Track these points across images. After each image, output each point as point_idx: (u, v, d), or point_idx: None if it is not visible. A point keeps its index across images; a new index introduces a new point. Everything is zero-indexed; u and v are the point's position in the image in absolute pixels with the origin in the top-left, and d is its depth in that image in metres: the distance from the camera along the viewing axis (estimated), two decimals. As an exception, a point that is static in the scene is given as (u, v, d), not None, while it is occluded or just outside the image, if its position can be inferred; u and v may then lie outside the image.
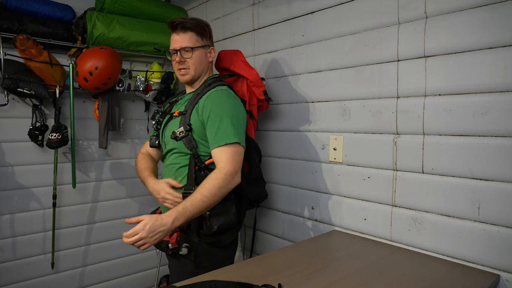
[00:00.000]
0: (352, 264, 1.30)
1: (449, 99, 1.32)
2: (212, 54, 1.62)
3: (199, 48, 1.55)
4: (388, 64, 1.49)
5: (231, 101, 1.50)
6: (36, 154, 2.31)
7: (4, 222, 2.23)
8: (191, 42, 1.53)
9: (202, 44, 1.57)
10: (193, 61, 1.54)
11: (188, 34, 1.53)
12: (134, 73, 2.59)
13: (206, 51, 1.59)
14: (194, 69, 1.56)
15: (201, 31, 1.56)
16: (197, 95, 1.53)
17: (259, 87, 1.69)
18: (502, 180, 1.20)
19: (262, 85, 1.71)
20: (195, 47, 1.54)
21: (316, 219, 1.82)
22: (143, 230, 1.24)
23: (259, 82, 1.70)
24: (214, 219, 1.44)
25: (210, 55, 1.61)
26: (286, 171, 1.96)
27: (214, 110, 1.44)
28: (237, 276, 1.15)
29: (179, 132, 1.48)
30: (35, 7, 2.14)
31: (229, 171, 1.38)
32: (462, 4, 1.27)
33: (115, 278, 2.69)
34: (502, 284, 1.20)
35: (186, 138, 1.47)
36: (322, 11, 1.74)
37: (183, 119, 1.50)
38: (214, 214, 1.44)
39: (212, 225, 1.43)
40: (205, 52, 1.59)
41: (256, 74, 1.70)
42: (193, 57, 1.54)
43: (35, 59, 2.03)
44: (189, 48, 1.53)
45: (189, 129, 1.47)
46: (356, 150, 1.63)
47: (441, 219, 1.35)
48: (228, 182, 1.38)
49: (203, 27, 1.58)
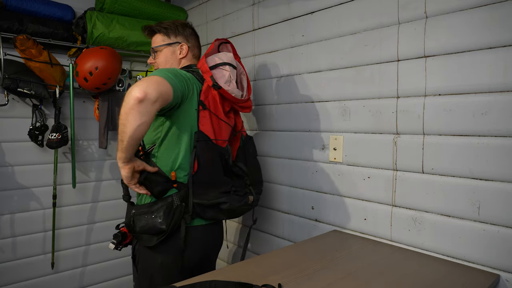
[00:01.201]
0: (352, 264, 1.30)
1: (449, 99, 1.32)
2: (183, 49, 1.65)
3: (162, 46, 1.64)
4: (388, 64, 1.49)
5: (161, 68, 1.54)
6: (36, 154, 2.31)
7: (4, 222, 2.24)
8: (157, 43, 1.65)
9: (168, 42, 1.64)
10: (158, 60, 1.66)
11: (154, 37, 1.66)
12: (134, 73, 2.59)
13: (175, 48, 1.65)
14: (161, 67, 1.64)
15: (168, 31, 1.64)
16: None
17: (205, 72, 1.51)
18: (502, 180, 1.20)
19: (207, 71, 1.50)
20: (158, 46, 1.64)
21: (316, 219, 1.82)
22: None
23: (203, 68, 1.51)
24: (137, 219, 1.43)
25: (181, 51, 1.66)
26: (286, 171, 1.96)
27: None
28: (237, 276, 1.15)
29: None
30: (35, 7, 2.14)
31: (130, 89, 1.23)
32: (462, 4, 1.27)
33: (115, 278, 2.70)
34: (502, 284, 1.20)
35: None
36: (322, 11, 1.74)
37: None
38: (138, 213, 1.44)
39: (135, 224, 1.43)
40: (172, 50, 1.65)
41: (202, 61, 1.52)
42: (157, 56, 1.66)
43: (35, 59, 2.03)
44: (152, 49, 1.67)
45: None
46: (356, 150, 1.63)
47: (441, 219, 1.35)
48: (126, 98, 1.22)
49: (169, 26, 1.65)
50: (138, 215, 1.43)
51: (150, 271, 1.47)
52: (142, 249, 1.49)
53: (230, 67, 1.56)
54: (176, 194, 1.43)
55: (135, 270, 1.54)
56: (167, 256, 1.45)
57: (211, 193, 1.47)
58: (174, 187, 1.45)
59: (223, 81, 1.51)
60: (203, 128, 1.47)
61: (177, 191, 1.44)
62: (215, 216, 1.52)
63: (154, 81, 1.26)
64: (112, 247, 1.53)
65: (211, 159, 1.48)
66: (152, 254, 1.46)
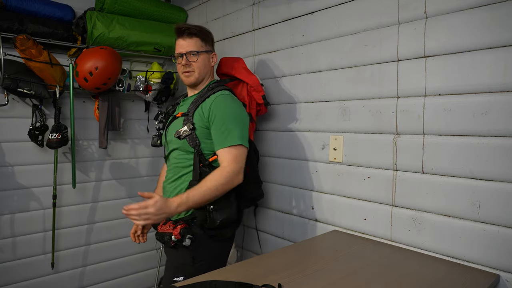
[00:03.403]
0: (352, 264, 1.30)
1: (449, 99, 1.32)
2: (214, 59, 1.73)
3: (203, 52, 1.66)
4: (388, 64, 1.49)
5: (235, 105, 1.59)
6: (36, 154, 2.31)
7: (4, 222, 2.23)
8: (197, 47, 1.63)
9: (206, 49, 1.67)
10: (198, 64, 1.64)
11: (194, 40, 1.64)
12: (134, 73, 2.59)
13: (209, 56, 1.70)
14: (199, 72, 1.65)
15: (205, 37, 1.67)
16: (199, 98, 1.62)
17: (259, 92, 1.79)
18: (502, 180, 1.20)
19: (261, 90, 1.80)
20: (200, 51, 1.64)
21: (316, 219, 1.82)
22: (153, 206, 1.35)
23: (258, 87, 1.79)
24: (217, 213, 1.51)
25: (213, 60, 1.72)
26: (286, 171, 1.96)
27: (220, 113, 1.54)
28: (237, 276, 1.15)
29: (183, 131, 1.57)
30: (35, 7, 2.14)
31: (232, 170, 1.48)
32: (462, 4, 1.27)
33: (115, 278, 2.69)
34: (502, 284, 1.20)
35: (190, 136, 1.56)
36: (322, 11, 1.74)
37: (186, 119, 1.59)
38: (218, 208, 1.51)
39: (215, 219, 1.50)
40: (208, 57, 1.69)
41: (256, 80, 1.80)
42: (198, 60, 1.64)
43: (35, 59, 2.03)
44: (195, 52, 1.63)
45: (192, 128, 1.56)
46: (356, 150, 1.63)
47: (441, 219, 1.35)
48: (231, 179, 1.48)
49: (206, 34, 1.69)
50: (217, 210, 1.51)
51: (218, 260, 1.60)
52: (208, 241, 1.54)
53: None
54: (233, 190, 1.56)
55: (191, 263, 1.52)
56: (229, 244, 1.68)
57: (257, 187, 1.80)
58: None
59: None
60: (251, 136, 1.72)
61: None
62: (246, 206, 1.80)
63: (244, 158, 1.54)
64: (189, 243, 1.50)
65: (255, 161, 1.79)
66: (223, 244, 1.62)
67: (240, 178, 1.51)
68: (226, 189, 1.48)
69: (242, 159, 1.53)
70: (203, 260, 1.53)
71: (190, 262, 1.53)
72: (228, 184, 1.48)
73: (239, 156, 1.51)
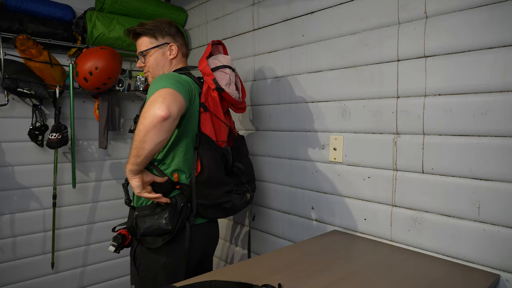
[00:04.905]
0: (352, 264, 1.30)
1: (449, 99, 1.32)
2: (173, 50, 1.61)
3: (152, 49, 1.59)
4: (388, 64, 1.49)
5: (163, 76, 1.43)
6: (36, 154, 2.31)
7: (4, 222, 2.23)
8: (145, 45, 1.59)
9: (157, 44, 1.59)
10: (149, 63, 1.61)
11: (141, 39, 1.60)
12: (134, 73, 2.59)
13: (164, 50, 1.61)
14: (152, 71, 1.61)
15: (154, 32, 1.59)
16: None
17: (208, 75, 1.51)
18: (502, 180, 1.20)
19: (210, 74, 1.51)
20: (145, 50, 1.59)
21: (316, 219, 1.82)
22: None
23: (206, 71, 1.52)
24: (140, 221, 1.41)
25: (171, 52, 1.61)
26: (286, 171, 1.96)
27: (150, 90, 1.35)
28: (237, 276, 1.15)
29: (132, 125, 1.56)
30: (35, 7, 2.14)
31: (146, 110, 1.25)
32: (462, 4, 1.27)
33: (115, 278, 2.70)
34: (502, 284, 1.20)
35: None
36: (322, 11, 1.74)
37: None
38: (141, 215, 1.42)
39: (139, 227, 1.41)
40: (161, 52, 1.60)
41: (204, 63, 1.53)
42: (147, 60, 1.60)
43: (35, 59, 2.03)
44: (141, 52, 1.60)
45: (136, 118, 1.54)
46: (356, 150, 1.63)
47: (441, 219, 1.35)
48: (149, 120, 1.23)
49: (155, 28, 1.59)
50: (141, 217, 1.42)
51: (153, 272, 1.47)
52: (145, 251, 1.49)
53: (230, 70, 1.57)
54: (179, 195, 1.44)
55: (136, 273, 1.53)
56: (171, 257, 1.45)
57: (214, 193, 1.48)
58: (177, 189, 1.45)
59: (224, 83, 1.52)
60: (205, 129, 1.48)
61: (179, 192, 1.45)
62: (216, 215, 1.55)
63: (171, 96, 1.27)
64: (112, 250, 1.53)
65: (214, 160, 1.48)
66: (154, 255, 1.46)
67: (158, 111, 1.22)
68: (149, 130, 1.23)
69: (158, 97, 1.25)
70: (145, 271, 1.47)
71: (135, 271, 1.51)
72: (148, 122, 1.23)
73: (156, 98, 1.25)
